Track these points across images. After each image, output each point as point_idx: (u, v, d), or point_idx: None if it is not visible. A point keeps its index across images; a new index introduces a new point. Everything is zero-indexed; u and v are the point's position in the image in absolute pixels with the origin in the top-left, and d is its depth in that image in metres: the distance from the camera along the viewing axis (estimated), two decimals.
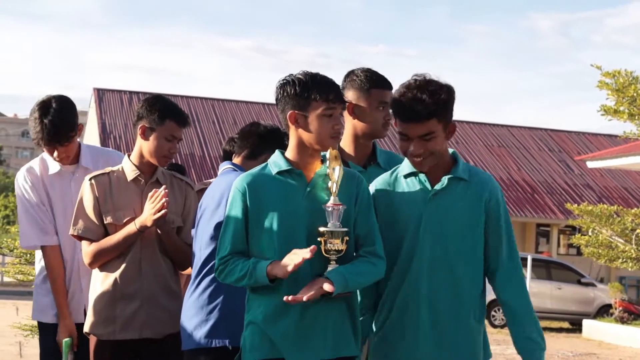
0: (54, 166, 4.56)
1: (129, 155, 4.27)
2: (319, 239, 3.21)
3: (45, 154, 4.60)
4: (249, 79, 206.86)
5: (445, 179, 3.38)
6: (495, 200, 3.42)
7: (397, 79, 4.11)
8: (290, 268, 3.14)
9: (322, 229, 3.22)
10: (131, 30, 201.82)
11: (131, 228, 4.08)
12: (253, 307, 3.33)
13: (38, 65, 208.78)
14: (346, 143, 3.99)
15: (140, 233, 4.08)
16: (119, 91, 29.28)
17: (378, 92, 3.92)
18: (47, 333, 4.56)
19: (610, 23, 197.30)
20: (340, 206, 3.23)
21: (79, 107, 4.92)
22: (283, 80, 3.37)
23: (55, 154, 4.48)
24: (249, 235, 3.32)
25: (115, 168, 4.25)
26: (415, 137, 3.32)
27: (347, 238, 3.23)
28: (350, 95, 3.91)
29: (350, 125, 3.95)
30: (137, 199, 4.17)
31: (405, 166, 3.47)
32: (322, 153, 3.39)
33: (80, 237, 4.19)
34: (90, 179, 4.18)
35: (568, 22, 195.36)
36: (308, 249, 3.13)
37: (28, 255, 9.01)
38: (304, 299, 3.12)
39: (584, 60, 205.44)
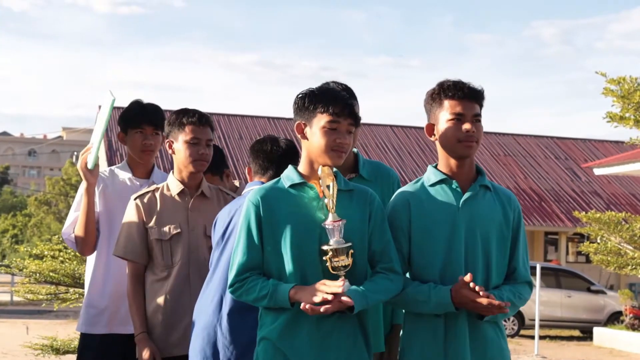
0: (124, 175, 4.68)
1: (172, 173, 4.30)
2: (324, 258, 3.22)
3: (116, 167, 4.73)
4: (255, 93, 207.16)
5: (476, 186, 3.47)
6: (518, 214, 3.54)
7: (402, 90, 4.14)
8: (318, 299, 3.13)
9: (325, 247, 3.22)
10: (138, 48, 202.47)
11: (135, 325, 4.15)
12: (266, 322, 3.33)
13: (44, 85, 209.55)
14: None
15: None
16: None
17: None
18: (90, 345, 4.53)
19: (613, 29, 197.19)
20: (340, 222, 3.22)
21: (86, 125, 4.99)
22: (299, 94, 3.41)
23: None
24: (263, 248, 3.32)
25: (160, 185, 4.28)
26: (470, 116, 3.43)
27: (352, 251, 3.23)
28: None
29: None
30: (183, 213, 4.19)
31: (432, 175, 3.52)
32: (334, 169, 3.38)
33: (123, 257, 4.23)
34: (135, 198, 4.21)
35: (571, 29, 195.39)
36: (340, 284, 3.15)
37: (37, 275, 9.00)
38: (322, 310, 3.11)
39: (588, 68, 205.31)
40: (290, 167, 3.42)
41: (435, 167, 3.53)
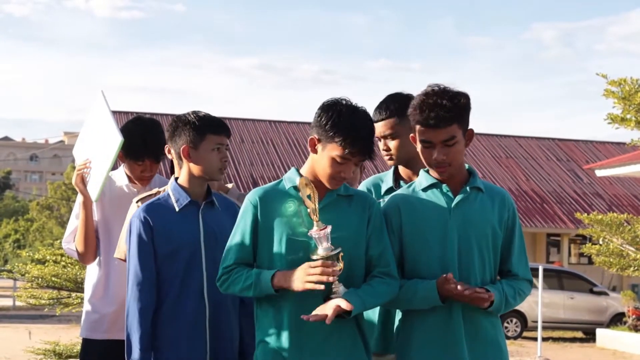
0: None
1: (176, 179, 4.04)
2: None
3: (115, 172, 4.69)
4: (255, 97, 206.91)
5: (467, 188, 3.45)
6: (513, 213, 3.51)
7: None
8: (310, 285, 3.14)
9: (314, 257, 3.21)
10: (139, 52, 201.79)
11: None
12: (264, 325, 3.35)
13: (45, 89, 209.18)
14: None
15: None
16: (126, 112, 29.29)
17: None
18: (91, 351, 4.56)
19: (613, 31, 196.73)
20: (325, 229, 3.21)
21: None
22: (326, 103, 3.34)
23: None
24: (258, 248, 3.34)
25: (162, 189, 4.22)
26: (438, 142, 3.35)
27: (342, 254, 3.22)
28: None
29: None
30: None
31: (423, 179, 3.51)
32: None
33: (125, 260, 4.19)
34: (137, 202, 4.18)
35: (571, 32, 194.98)
36: (330, 270, 3.14)
37: (40, 280, 9.00)
38: (327, 322, 3.11)
39: (589, 69, 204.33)
40: (292, 169, 3.42)
41: (427, 171, 3.52)
